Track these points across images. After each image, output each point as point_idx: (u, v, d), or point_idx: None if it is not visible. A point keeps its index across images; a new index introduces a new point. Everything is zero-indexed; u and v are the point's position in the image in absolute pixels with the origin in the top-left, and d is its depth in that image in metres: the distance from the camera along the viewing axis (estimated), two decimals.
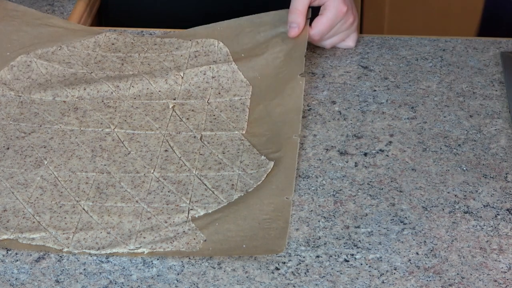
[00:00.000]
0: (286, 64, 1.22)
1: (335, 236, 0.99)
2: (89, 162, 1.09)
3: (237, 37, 1.28)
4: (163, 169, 1.08)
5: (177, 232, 0.99)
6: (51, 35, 1.30)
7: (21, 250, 0.98)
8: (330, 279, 0.94)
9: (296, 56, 1.22)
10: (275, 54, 1.24)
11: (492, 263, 0.96)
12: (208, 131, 1.14)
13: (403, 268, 0.95)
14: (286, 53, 1.23)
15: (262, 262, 0.96)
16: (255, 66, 1.23)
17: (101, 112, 1.17)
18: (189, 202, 1.03)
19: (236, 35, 1.28)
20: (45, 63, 1.25)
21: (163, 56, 1.28)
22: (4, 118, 1.17)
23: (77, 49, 1.29)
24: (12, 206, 1.03)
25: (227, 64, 1.23)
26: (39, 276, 0.95)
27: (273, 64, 1.23)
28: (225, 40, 1.28)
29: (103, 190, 1.05)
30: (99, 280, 0.95)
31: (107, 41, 1.31)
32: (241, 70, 1.22)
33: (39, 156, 1.10)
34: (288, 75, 1.20)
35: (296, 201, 1.04)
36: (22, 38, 1.29)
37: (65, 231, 1.00)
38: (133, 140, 1.13)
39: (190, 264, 0.96)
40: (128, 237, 0.99)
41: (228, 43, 1.27)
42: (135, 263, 0.97)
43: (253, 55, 1.25)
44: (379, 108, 1.18)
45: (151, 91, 1.21)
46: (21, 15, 1.34)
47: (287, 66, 1.21)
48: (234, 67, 1.23)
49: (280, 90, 1.18)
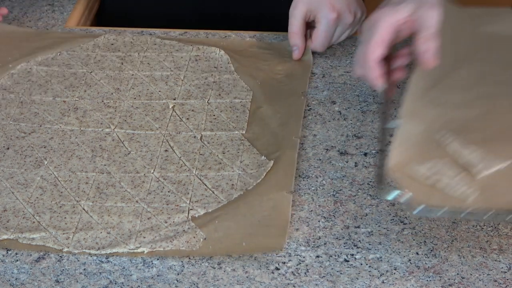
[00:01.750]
0: (288, 80, 1.23)
1: (335, 236, 0.99)
2: (89, 162, 1.09)
3: (240, 51, 1.29)
4: (163, 169, 1.08)
5: (177, 231, 0.99)
6: (51, 45, 1.30)
7: (21, 250, 0.98)
8: (330, 279, 0.94)
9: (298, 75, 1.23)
10: (276, 71, 1.25)
11: (492, 263, 0.96)
12: (208, 131, 1.14)
13: (403, 268, 0.95)
14: (288, 73, 1.24)
15: (262, 262, 0.96)
16: (256, 76, 1.23)
17: (101, 112, 1.18)
18: (189, 202, 1.03)
19: (240, 50, 1.29)
20: (45, 68, 1.26)
21: (163, 56, 1.28)
22: (4, 118, 1.17)
23: (76, 52, 1.29)
24: (12, 206, 1.03)
25: (229, 74, 1.23)
26: (39, 276, 0.95)
27: (274, 77, 1.23)
28: (227, 51, 1.28)
29: (103, 190, 1.05)
30: (99, 280, 0.95)
31: (106, 42, 1.31)
32: (242, 79, 1.23)
33: (39, 156, 1.11)
34: (290, 90, 1.21)
35: (296, 201, 1.04)
36: (23, 51, 1.29)
37: (65, 231, 1.00)
38: (133, 140, 1.13)
39: (190, 264, 0.96)
40: (128, 237, 0.99)
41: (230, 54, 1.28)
42: (135, 263, 0.97)
43: (254, 67, 1.25)
44: (379, 108, 1.18)
45: (151, 91, 1.21)
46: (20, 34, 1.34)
47: (288, 82, 1.22)
48: (236, 77, 1.23)
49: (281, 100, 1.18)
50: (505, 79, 1.13)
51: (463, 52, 1.15)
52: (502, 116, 1.06)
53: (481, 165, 0.97)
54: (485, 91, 1.10)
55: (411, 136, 1.01)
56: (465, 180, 0.95)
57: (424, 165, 0.97)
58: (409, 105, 1.03)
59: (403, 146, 0.99)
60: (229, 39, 1.32)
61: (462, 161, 0.98)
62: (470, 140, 1.01)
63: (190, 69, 1.25)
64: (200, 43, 1.31)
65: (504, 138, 1.02)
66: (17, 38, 1.33)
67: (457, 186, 0.95)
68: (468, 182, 0.95)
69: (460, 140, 1.01)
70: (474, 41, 1.18)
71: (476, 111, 1.06)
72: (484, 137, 1.02)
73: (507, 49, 1.17)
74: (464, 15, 1.21)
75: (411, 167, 0.96)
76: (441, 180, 0.95)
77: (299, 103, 1.18)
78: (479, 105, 1.08)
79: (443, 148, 1.00)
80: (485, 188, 0.95)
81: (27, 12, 1.42)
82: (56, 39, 1.33)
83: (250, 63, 1.26)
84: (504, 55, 1.16)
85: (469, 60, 1.13)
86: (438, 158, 0.98)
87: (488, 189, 0.95)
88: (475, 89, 1.10)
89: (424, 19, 1.04)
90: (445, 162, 0.98)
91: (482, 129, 1.04)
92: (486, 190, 0.95)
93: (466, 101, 1.08)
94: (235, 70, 1.24)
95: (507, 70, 1.13)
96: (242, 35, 1.34)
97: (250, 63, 1.26)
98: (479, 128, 1.04)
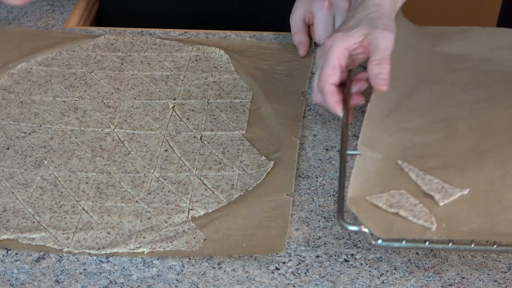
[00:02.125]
0: (288, 80, 1.23)
1: (335, 236, 0.99)
2: (89, 162, 1.09)
3: (240, 51, 1.29)
4: (163, 169, 1.08)
5: (177, 231, 0.99)
6: (50, 45, 1.30)
7: (21, 250, 0.98)
8: (330, 279, 0.94)
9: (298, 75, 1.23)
10: (276, 71, 1.25)
11: (492, 263, 0.96)
12: (208, 131, 1.14)
13: (403, 268, 0.95)
14: (288, 73, 1.24)
15: (262, 262, 0.96)
16: (256, 75, 1.23)
17: (101, 112, 1.18)
18: (189, 202, 1.03)
19: (240, 50, 1.29)
20: (45, 68, 1.26)
21: (163, 56, 1.28)
22: (4, 118, 1.17)
23: (76, 52, 1.29)
24: (12, 206, 1.03)
25: (229, 74, 1.23)
26: (39, 276, 0.95)
27: (274, 77, 1.23)
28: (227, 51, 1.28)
29: (103, 190, 1.05)
30: (99, 280, 0.95)
31: (106, 42, 1.31)
32: (242, 79, 1.23)
33: (39, 156, 1.11)
34: (289, 90, 1.21)
35: (296, 201, 1.04)
36: (23, 51, 1.29)
37: (65, 231, 1.00)
38: (133, 140, 1.13)
39: (190, 264, 0.96)
40: (128, 237, 0.99)
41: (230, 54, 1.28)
42: (135, 263, 0.97)
43: (254, 67, 1.25)
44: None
45: (151, 91, 1.21)
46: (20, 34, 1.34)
47: (288, 82, 1.22)
48: (236, 77, 1.23)
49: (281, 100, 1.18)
50: (463, 101, 1.13)
51: (422, 74, 1.16)
52: (461, 140, 1.06)
53: (440, 195, 0.97)
54: (444, 114, 1.10)
55: (371, 164, 1.01)
56: (426, 210, 0.96)
57: (385, 195, 0.97)
58: (368, 133, 1.03)
59: (363, 176, 0.99)
60: (229, 39, 1.32)
61: (423, 189, 0.99)
62: (430, 167, 1.02)
63: (190, 69, 1.25)
64: (200, 43, 1.31)
65: (462, 164, 1.02)
66: (17, 38, 1.33)
67: (419, 215, 0.95)
68: (429, 211, 0.95)
69: (419, 167, 1.01)
70: (433, 61, 1.18)
71: (435, 136, 1.07)
72: (444, 164, 1.02)
73: (464, 69, 1.17)
74: (424, 34, 1.22)
75: (371, 198, 0.97)
76: (403, 208, 0.95)
77: (299, 103, 1.18)
78: (438, 129, 1.08)
79: (404, 177, 1.00)
80: (446, 217, 0.95)
81: (27, 12, 1.42)
82: (56, 39, 1.33)
83: (250, 63, 1.26)
84: (462, 75, 1.16)
85: (428, 81, 1.13)
86: (398, 187, 0.99)
87: (450, 217, 0.95)
88: (433, 112, 1.10)
89: (376, 42, 1.05)
90: (404, 192, 0.98)
91: (441, 155, 1.04)
92: (447, 218, 0.95)
93: (424, 126, 1.08)
94: (235, 70, 1.24)
95: (465, 91, 1.13)
96: (242, 35, 1.34)
97: (250, 63, 1.26)
98: (438, 154, 1.04)
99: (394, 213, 0.95)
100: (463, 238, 0.91)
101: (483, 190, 0.98)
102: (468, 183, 0.99)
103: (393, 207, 0.95)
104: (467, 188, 0.98)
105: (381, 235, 0.91)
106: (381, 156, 1.03)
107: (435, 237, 0.92)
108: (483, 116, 1.10)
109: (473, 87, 1.04)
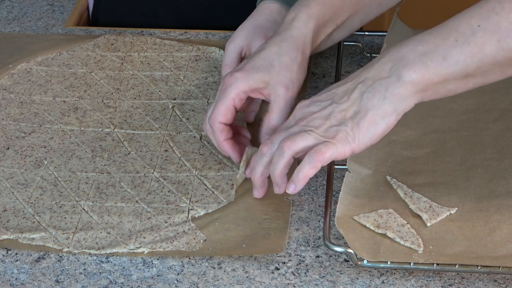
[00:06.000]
0: None
1: (335, 236, 0.99)
2: (89, 162, 1.09)
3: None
4: (163, 169, 1.08)
5: (177, 232, 0.99)
6: (51, 45, 1.30)
7: (21, 250, 0.98)
8: (330, 279, 0.94)
9: None
10: None
11: None
12: None
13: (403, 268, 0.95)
14: None
15: (262, 262, 0.96)
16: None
17: (101, 112, 1.18)
18: (189, 202, 1.03)
19: None
20: (45, 68, 1.26)
21: (163, 56, 1.28)
22: (4, 118, 1.17)
23: (76, 52, 1.29)
24: (12, 206, 1.03)
25: None
26: (39, 276, 0.95)
27: None
28: None
29: (103, 190, 1.05)
30: (99, 280, 0.95)
31: (106, 42, 1.31)
32: None
33: (39, 156, 1.11)
34: None
35: (296, 201, 1.04)
36: (23, 52, 1.29)
37: (65, 231, 1.00)
38: (133, 140, 1.13)
39: (190, 264, 0.96)
40: (128, 237, 0.99)
41: None
42: (135, 263, 0.97)
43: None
44: None
45: (151, 91, 1.21)
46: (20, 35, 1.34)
47: None
48: None
49: None
50: (452, 111, 1.13)
51: None
52: (449, 155, 1.06)
53: (427, 215, 0.97)
54: (433, 126, 1.10)
55: (359, 181, 1.02)
56: (413, 231, 0.96)
57: (372, 214, 0.97)
58: None
59: (352, 194, 1.00)
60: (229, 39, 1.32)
61: (411, 207, 0.99)
62: (418, 183, 1.02)
63: (190, 69, 1.25)
64: (200, 43, 1.31)
65: (451, 181, 1.02)
66: (17, 38, 1.33)
67: (406, 236, 0.95)
68: (416, 232, 0.96)
69: (408, 184, 1.02)
70: None
71: (424, 150, 1.07)
72: (432, 181, 1.03)
73: None
74: None
75: (359, 218, 0.97)
76: (390, 229, 0.96)
77: None
78: (427, 142, 1.08)
79: (392, 194, 1.01)
80: (433, 238, 0.95)
81: (27, 12, 1.42)
82: (56, 39, 1.33)
83: None
84: None
85: None
86: (387, 206, 0.99)
87: (436, 239, 0.95)
88: (422, 124, 1.10)
89: (273, 97, 1.05)
90: (392, 211, 0.98)
91: (430, 171, 1.04)
92: (434, 240, 0.95)
93: (413, 139, 1.08)
94: None
95: (454, 100, 1.13)
96: None
97: None
98: (427, 170, 1.04)
99: (383, 231, 0.96)
100: (449, 262, 0.91)
101: (470, 210, 0.98)
102: (456, 201, 1.00)
103: (380, 228, 0.96)
104: (455, 208, 0.99)
105: (368, 258, 0.92)
106: (370, 171, 1.03)
107: (422, 260, 0.92)
108: (471, 128, 1.10)
109: (462, 97, 1.04)
